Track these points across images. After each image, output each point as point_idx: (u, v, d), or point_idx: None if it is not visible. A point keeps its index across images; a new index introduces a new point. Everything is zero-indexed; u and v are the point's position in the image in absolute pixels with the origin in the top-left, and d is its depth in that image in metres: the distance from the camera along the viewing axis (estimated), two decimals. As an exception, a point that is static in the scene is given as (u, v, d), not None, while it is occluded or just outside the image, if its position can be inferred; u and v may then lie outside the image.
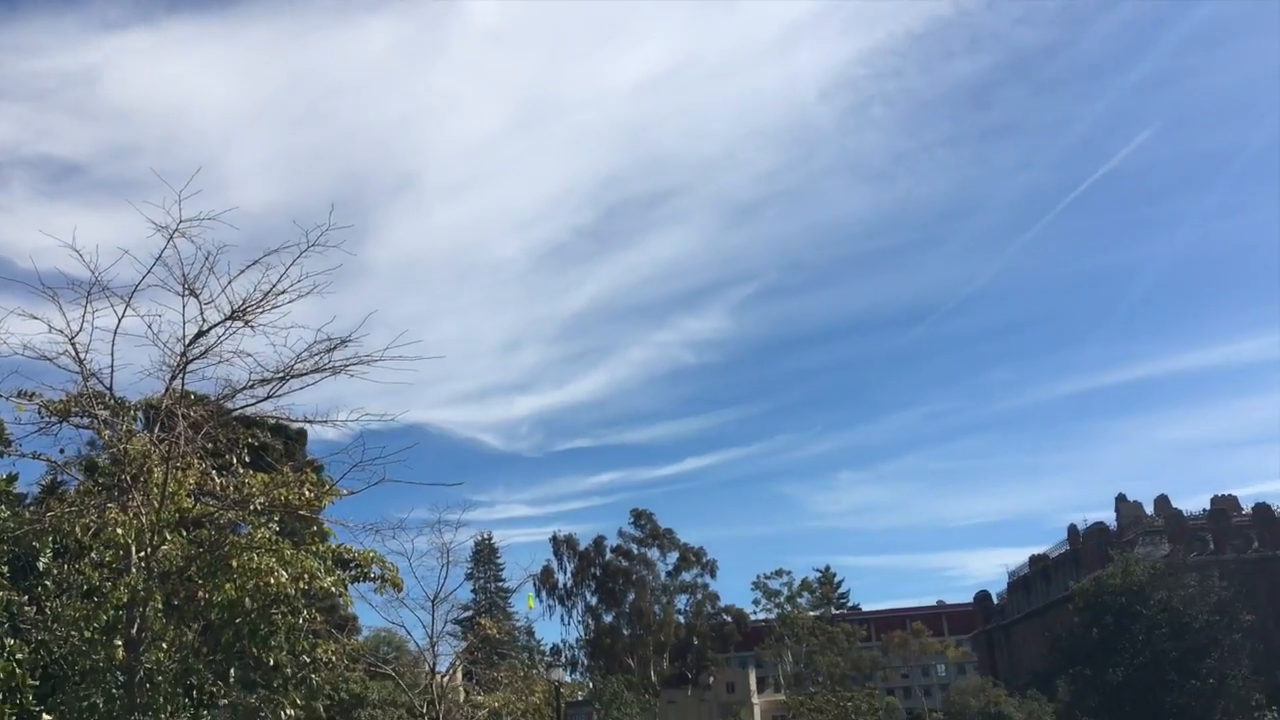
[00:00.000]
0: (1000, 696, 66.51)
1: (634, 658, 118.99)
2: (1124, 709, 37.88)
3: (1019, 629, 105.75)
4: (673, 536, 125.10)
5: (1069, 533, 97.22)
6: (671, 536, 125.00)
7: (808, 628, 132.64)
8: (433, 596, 18.72)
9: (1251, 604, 36.06)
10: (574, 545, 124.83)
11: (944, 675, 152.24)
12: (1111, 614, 39.04)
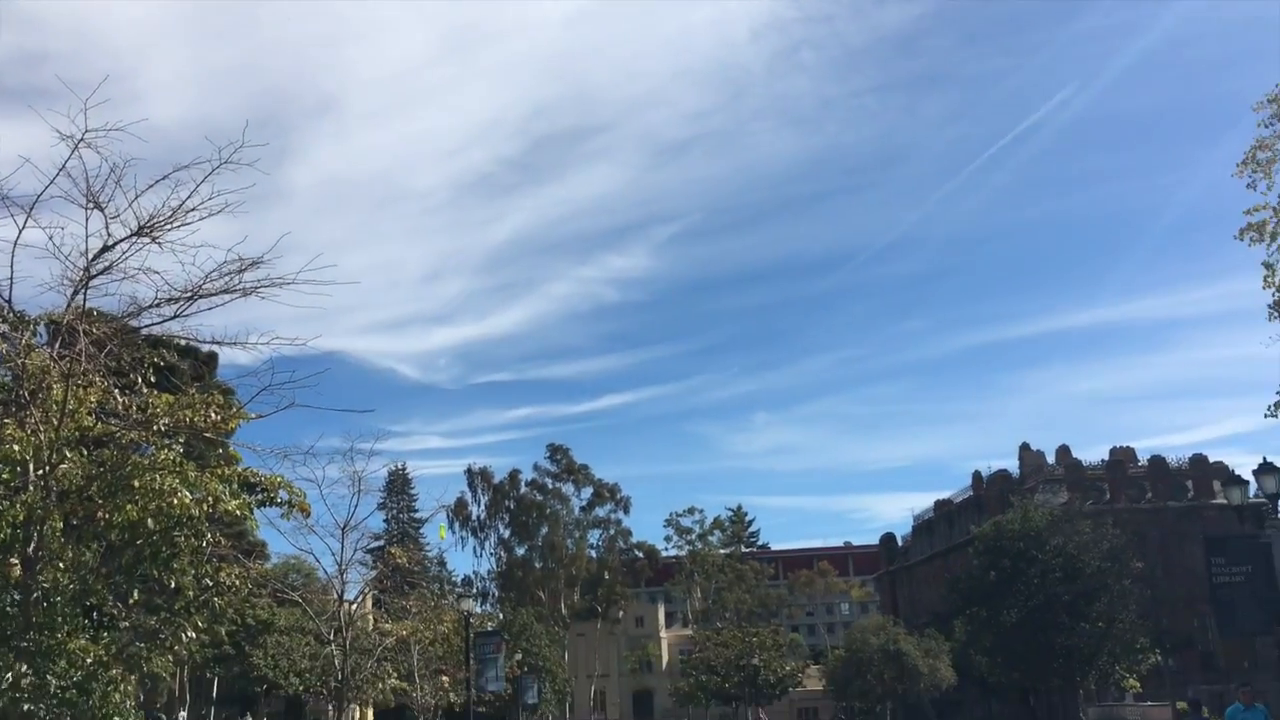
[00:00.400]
0: (899, 635, 68.40)
1: (545, 590, 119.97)
2: (1016, 649, 39.26)
3: (921, 570, 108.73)
4: (588, 472, 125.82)
5: (973, 479, 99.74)
6: (587, 472, 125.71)
7: (717, 565, 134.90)
8: (343, 524, 18.60)
9: (1141, 552, 37.50)
10: (489, 478, 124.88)
11: (847, 614, 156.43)
12: (1009, 557, 40.29)
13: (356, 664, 20.76)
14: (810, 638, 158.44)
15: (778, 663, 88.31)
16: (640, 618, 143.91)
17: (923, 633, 73.88)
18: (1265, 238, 40.14)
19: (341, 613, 19.41)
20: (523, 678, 61.69)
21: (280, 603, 53.56)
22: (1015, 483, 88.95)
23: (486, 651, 42.29)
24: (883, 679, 66.75)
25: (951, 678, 67.07)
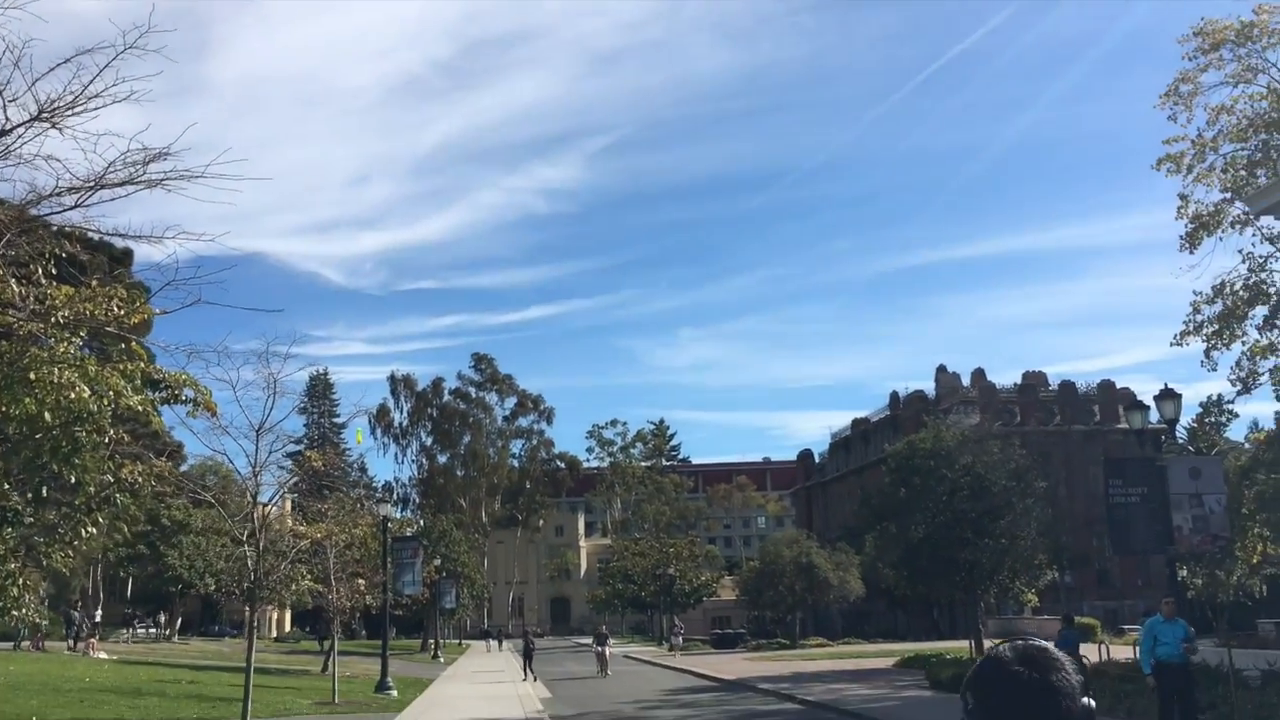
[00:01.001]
0: (812, 548, 70.03)
1: (466, 498, 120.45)
2: (922, 563, 40.27)
3: (836, 487, 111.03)
4: (512, 382, 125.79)
5: (891, 399, 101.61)
6: (510, 382, 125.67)
7: (638, 477, 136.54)
8: (257, 426, 18.32)
9: (1046, 472, 38.57)
10: (412, 385, 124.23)
11: (764, 527, 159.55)
12: (920, 475, 41.10)
13: (270, 565, 20.64)
14: (727, 550, 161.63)
15: (693, 573, 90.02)
16: (560, 527, 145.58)
17: (835, 546, 75.70)
18: (1182, 170, 40.82)
19: (255, 515, 19.21)
20: (441, 582, 62.17)
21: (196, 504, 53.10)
22: (931, 404, 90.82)
23: (404, 556, 42.53)
24: (794, 589, 68.45)
25: (860, 589, 69.07)
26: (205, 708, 24.97)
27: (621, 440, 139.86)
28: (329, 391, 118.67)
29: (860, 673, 39.36)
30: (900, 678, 36.16)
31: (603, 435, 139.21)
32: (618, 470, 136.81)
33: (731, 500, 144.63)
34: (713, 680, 40.47)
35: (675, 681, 40.68)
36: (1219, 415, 45.41)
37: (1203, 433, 47.41)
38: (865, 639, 73.12)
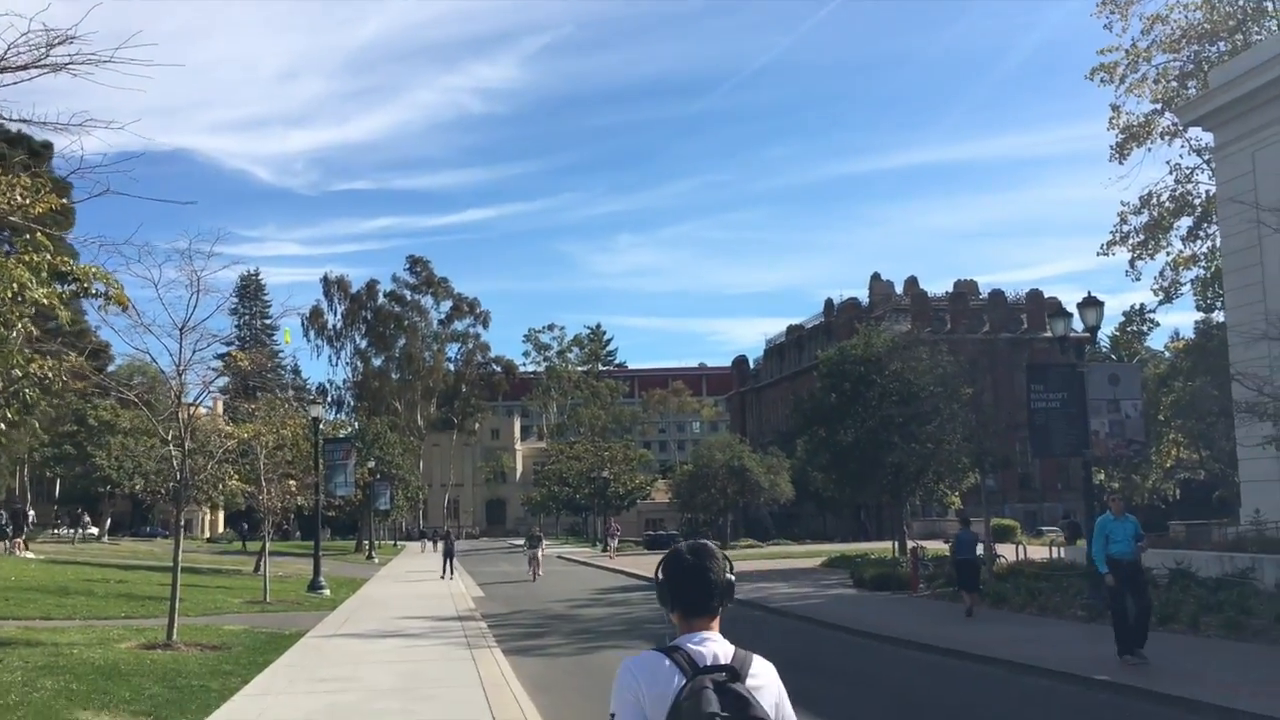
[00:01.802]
0: (744, 452, 70.98)
1: (401, 401, 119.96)
2: (850, 467, 40.99)
3: (770, 392, 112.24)
4: (447, 285, 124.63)
5: (825, 306, 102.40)
6: (446, 285, 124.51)
7: (574, 381, 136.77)
8: (180, 325, 17.90)
9: (973, 379, 39.08)
10: (345, 287, 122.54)
11: (698, 432, 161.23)
12: (850, 381, 41.57)
13: (197, 466, 20.39)
14: (661, 454, 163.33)
15: (628, 476, 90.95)
16: (496, 430, 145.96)
17: (767, 451, 76.82)
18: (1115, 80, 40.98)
19: (180, 414, 18.89)
20: (375, 484, 62.14)
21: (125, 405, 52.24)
22: (864, 311, 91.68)
23: (336, 457, 42.34)
24: (726, 492, 69.51)
25: (790, 492, 70.31)
26: (134, 606, 24.85)
27: (558, 345, 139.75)
28: (260, 293, 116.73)
29: (787, 572, 40.22)
30: (826, 577, 37.03)
31: (539, 339, 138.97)
32: (554, 374, 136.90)
33: (667, 405, 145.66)
34: (644, 580, 41.09)
35: (607, 581, 41.30)
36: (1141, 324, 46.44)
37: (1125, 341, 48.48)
38: (795, 541, 74.73)
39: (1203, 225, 40.27)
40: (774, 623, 24.28)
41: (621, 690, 2.98)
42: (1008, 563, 31.76)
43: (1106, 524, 15.20)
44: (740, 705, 2.82)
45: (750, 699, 2.86)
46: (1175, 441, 46.86)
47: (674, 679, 2.91)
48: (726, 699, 2.82)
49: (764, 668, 3.07)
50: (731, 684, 2.88)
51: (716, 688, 2.83)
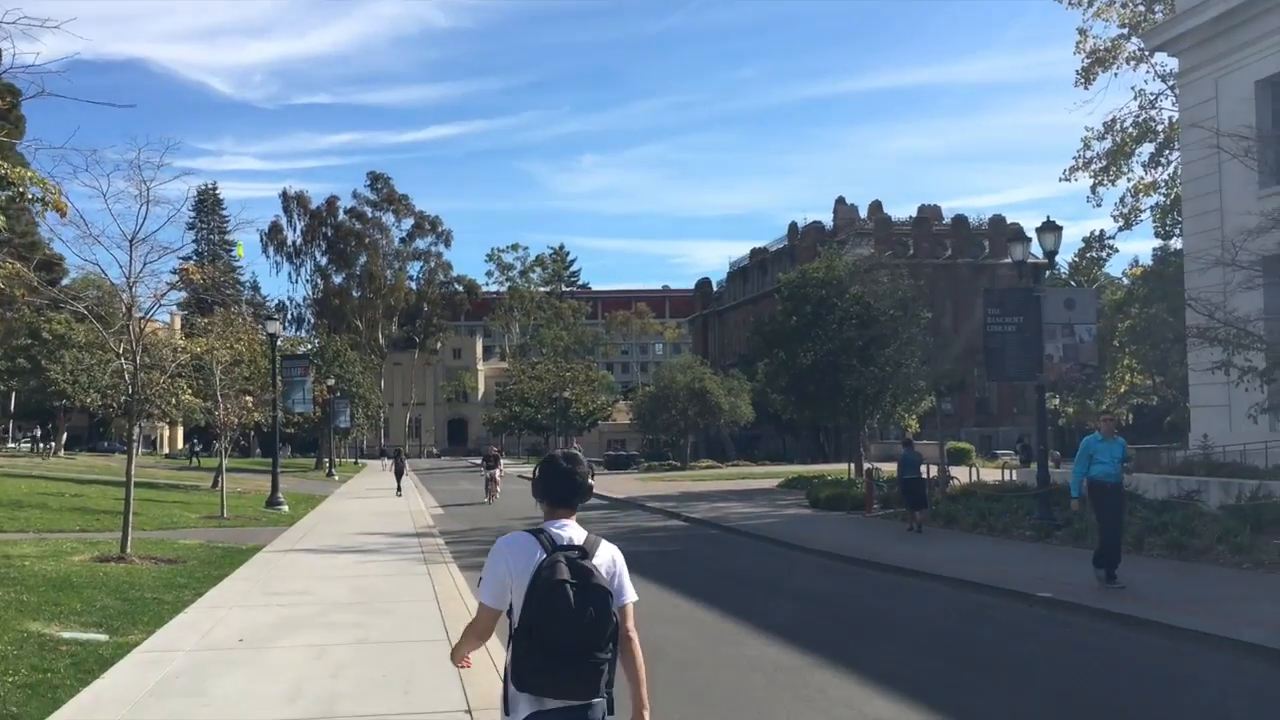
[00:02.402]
0: (705, 374, 71.28)
1: (362, 320, 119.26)
2: (809, 389, 41.30)
3: (732, 315, 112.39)
4: (409, 203, 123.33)
5: (789, 229, 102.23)
6: (407, 202, 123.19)
7: (537, 302, 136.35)
8: (130, 237, 17.54)
9: (933, 303, 39.44)
10: (305, 203, 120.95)
11: (661, 354, 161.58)
12: (811, 304, 41.71)
13: (150, 380, 20.18)
14: (624, 375, 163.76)
15: (589, 397, 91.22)
16: (458, 350, 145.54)
17: (728, 373, 77.28)
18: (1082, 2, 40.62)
19: (131, 327, 18.62)
20: (335, 402, 61.94)
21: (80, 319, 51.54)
22: (828, 235, 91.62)
23: (294, 374, 42.12)
24: (686, 414, 69.94)
25: (751, 415, 70.91)
26: (89, 520, 24.75)
27: (521, 265, 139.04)
28: (218, 207, 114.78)
29: (745, 493, 40.68)
30: (782, 497, 37.49)
31: (502, 259, 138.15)
32: (516, 295, 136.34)
33: (629, 327, 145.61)
34: (603, 499, 41.45)
35: (566, 499, 41.62)
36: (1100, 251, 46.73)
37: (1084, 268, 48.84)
38: (754, 462, 75.47)
39: (1164, 152, 40.39)
40: (729, 541, 24.60)
41: (493, 562, 3.91)
42: (961, 484, 32.26)
43: (1092, 445, 14.65)
44: (585, 574, 3.77)
45: (594, 570, 3.82)
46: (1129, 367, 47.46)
47: (536, 553, 3.83)
48: (575, 569, 3.77)
49: (608, 549, 4.04)
50: (581, 560, 3.82)
51: (568, 561, 3.79)
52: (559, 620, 3.69)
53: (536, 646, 3.72)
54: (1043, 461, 23.17)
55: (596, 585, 3.76)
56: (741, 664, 10.43)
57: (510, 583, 3.84)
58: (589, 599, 3.73)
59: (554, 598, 3.69)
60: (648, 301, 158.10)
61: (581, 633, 3.72)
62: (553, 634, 3.70)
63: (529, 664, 3.74)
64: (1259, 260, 18.35)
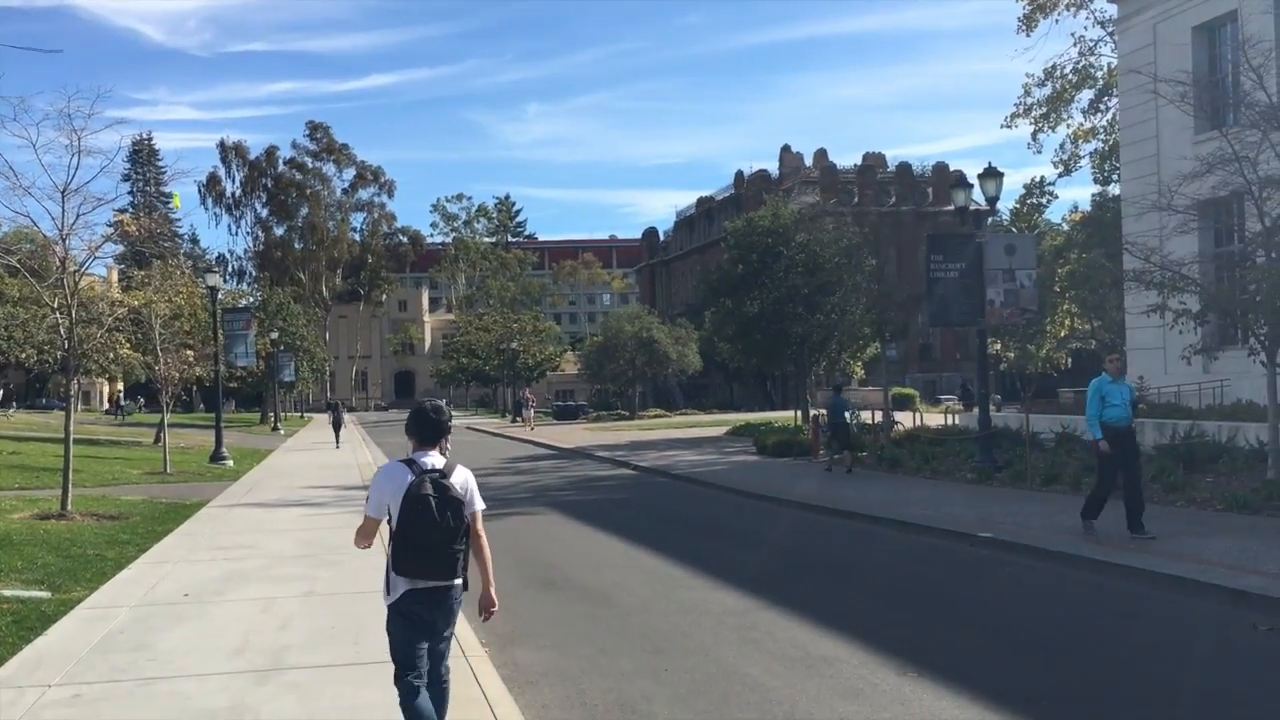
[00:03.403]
0: (653, 324, 71.24)
1: (305, 272, 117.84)
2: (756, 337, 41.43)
3: (679, 265, 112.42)
4: (350, 152, 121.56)
5: (735, 178, 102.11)
6: (348, 152, 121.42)
7: (482, 252, 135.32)
8: (62, 188, 17.12)
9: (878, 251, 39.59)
10: (244, 153, 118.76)
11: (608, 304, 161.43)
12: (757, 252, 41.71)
13: (86, 334, 19.80)
14: (571, 326, 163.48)
15: (537, 348, 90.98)
16: (403, 302, 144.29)
17: (675, 322, 77.32)
18: (1026, -54, 40.69)
19: (66, 281, 18.24)
20: (279, 355, 61.28)
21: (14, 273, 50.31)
22: (774, 183, 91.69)
23: (236, 328, 41.55)
24: (634, 364, 69.97)
25: (698, 363, 71.12)
26: (28, 477, 24.38)
27: (466, 215, 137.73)
28: (154, 158, 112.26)
29: (693, 441, 40.95)
30: (729, 445, 37.79)
31: (447, 209, 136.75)
32: (462, 246, 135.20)
33: (577, 277, 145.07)
34: (552, 449, 41.56)
35: (515, 451, 41.63)
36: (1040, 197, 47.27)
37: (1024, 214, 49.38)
38: (702, 411, 75.86)
39: (1103, 98, 40.78)
40: (678, 488, 24.78)
41: (376, 484, 5.43)
42: (905, 429, 32.70)
43: (1103, 386, 13.66)
44: (444, 489, 5.24)
45: (451, 486, 5.28)
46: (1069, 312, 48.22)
47: (407, 476, 5.27)
48: (436, 486, 5.23)
49: (462, 471, 5.44)
50: (441, 479, 5.28)
51: (431, 481, 5.25)
52: (425, 523, 5.18)
53: (409, 542, 5.20)
54: (984, 405, 23.51)
55: (452, 497, 5.24)
56: (690, 608, 10.55)
57: (389, 500, 5.27)
58: (447, 506, 5.21)
59: (420, 507, 5.17)
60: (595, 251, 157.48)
61: (442, 531, 5.20)
62: (421, 533, 5.18)
63: (404, 555, 5.22)
64: (1194, 205, 18.62)
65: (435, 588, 5.29)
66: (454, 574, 5.31)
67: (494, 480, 27.59)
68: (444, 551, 5.21)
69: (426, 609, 5.32)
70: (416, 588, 5.27)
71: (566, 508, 20.62)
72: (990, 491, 19.74)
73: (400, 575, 5.26)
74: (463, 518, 5.27)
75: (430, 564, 5.23)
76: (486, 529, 5.60)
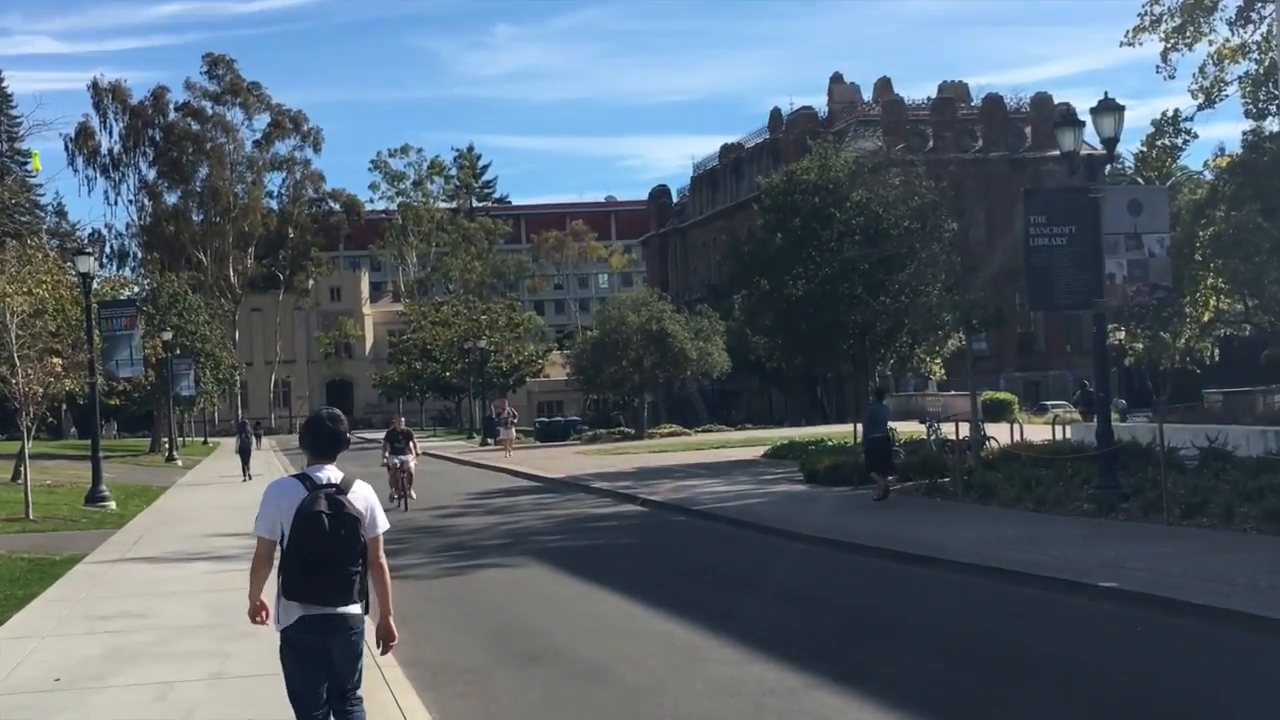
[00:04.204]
0: (665, 312, 71.02)
1: (207, 252, 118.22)
2: (801, 328, 41.43)
3: (699, 233, 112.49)
4: (262, 93, 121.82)
5: (771, 118, 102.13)
6: (260, 93, 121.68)
7: (439, 222, 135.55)
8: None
9: (958, 211, 39.41)
10: (124, 97, 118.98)
11: (605, 287, 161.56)
12: (801, 216, 41.80)
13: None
14: (558, 317, 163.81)
15: (513, 346, 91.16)
16: (337, 289, 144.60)
17: (695, 310, 77.40)
18: None
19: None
20: (174, 362, 61.42)
21: None
22: (822, 124, 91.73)
23: (117, 327, 41.55)
24: (641, 365, 69.95)
25: (725, 364, 71.09)
26: None
27: (416, 174, 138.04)
28: (6, 105, 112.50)
29: (720, 466, 40.92)
30: (768, 470, 37.76)
31: (390, 167, 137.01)
32: (412, 213, 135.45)
33: (564, 252, 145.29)
34: (535, 479, 41.59)
35: (487, 482, 41.69)
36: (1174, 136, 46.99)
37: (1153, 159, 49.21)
38: (732, 426, 75.95)
39: (1255, 4, 40.64)
40: (700, 529, 24.79)
41: (266, 503, 6.42)
42: (999, 446, 32.67)
43: None
44: (338, 506, 6.16)
45: (347, 503, 6.22)
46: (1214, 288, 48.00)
47: (300, 492, 6.24)
48: (331, 502, 6.13)
49: (362, 487, 6.47)
50: (337, 495, 6.20)
51: (326, 496, 6.17)
52: (318, 541, 6.10)
53: (300, 562, 6.13)
54: (1104, 413, 23.49)
55: (348, 514, 6.20)
56: (719, 687, 10.56)
57: (280, 517, 6.26)
58: (341, 524, 6.14)
59: (313, 524, 6.09)
60: (587, 218, 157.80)
61: (336, 550, 6.13)
62: (313, 551, 6.11)
63: (295, 577, 6.18)
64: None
65: (330, 614, 6.22)
66: (349, 598, 6.26)
67: (459, 522, 27.63)
68: (338, 573, 6.17)
69: (320, 637, 6.24)
70: (310, 614, 6.21)
71: (555, 557, 20.63)
72: (1114, 527, 19.71)
73: (291, 600, 6.22)
74: (358, 535, 6.24)
75: (323, 587, 6.16)
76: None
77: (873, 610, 14.81)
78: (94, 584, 17.65)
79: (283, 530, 6.17)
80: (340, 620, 6.19)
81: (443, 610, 15.51)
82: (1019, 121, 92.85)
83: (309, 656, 6.19)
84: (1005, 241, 45.16)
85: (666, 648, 12.45)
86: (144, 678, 11.04)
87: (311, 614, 6.13)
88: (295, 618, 6.16)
